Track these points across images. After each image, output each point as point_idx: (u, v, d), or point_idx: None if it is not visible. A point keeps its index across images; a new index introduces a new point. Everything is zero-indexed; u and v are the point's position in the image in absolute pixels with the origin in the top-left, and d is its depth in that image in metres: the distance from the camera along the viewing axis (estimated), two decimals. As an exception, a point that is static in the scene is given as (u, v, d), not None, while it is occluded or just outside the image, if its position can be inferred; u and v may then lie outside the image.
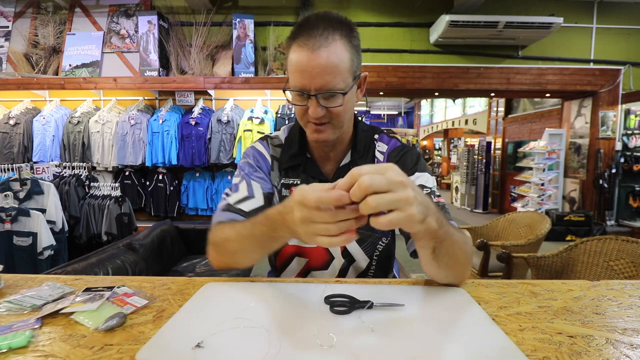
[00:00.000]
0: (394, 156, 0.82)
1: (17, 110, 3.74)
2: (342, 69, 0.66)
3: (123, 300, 0.58)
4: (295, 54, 0.66)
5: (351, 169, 0.46)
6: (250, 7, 4.17)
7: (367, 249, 0.83)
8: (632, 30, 4.48)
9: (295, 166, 0.83)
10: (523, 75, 4.33)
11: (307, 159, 0.83)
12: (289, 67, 0.69)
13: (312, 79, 0.65)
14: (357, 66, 0.71)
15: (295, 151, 0.83)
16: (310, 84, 0.66)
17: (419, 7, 4.21)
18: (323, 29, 0.65)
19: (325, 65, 0.64)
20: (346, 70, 0.67)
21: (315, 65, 0.64)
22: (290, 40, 0.68)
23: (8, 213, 2.18)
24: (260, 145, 0.87)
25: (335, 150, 0.82)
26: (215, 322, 0.51)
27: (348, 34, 0.67)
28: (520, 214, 2.64)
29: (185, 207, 3.84)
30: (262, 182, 0.81)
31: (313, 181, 0.82)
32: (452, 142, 11.92)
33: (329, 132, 0.73)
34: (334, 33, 0.65)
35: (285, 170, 0.84)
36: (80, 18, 4.14)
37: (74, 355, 0.43)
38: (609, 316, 0.54)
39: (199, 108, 3.71)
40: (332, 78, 0.65)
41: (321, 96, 0.67)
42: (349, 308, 0.54)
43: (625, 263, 1.48)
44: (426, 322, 0.51)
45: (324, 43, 0.64)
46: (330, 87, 0.66)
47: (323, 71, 0.65)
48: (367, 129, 0.86)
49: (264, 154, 0.85)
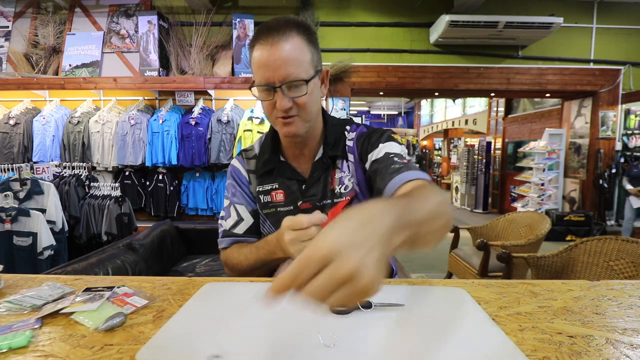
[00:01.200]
0: (362, 139, 0.84)
1: (17, 110, 3.74)
2: (302, 60, 0.70)
3: (123, 300, 0.58)
4: (258, 52, 0.70)
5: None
6: (250, 7, 4.17)
7: None
8: (632, 30, 4.48)
9: (269, 171, 0.85)
10: (523, 75, 4.33)
11: (280, 162, 0.86)
12: (253, 67, 0.73)
13: (275, 71, 0.69)
14: (318, 61, 0.75)
15: (267, 157, 0.86)
16: (274, 76, 0.69)
17: (419, 7, 4.21)
18: (281, 28, 0.69)
19: (287, 57, 0.68)
20: (306, 62, 0.71)
21: (277, 58, 0.68)
22: (252, 43, 0.73)
23: (8, 213, 2.18)
24: (237, 161, 0.92)
25: (307, 146, 0.84)
26: (215, 322, 0.51)
27: (305, 32, 0.72)
28: (520, 214, 2.64)
29: (185, 207, 3.84)
30: (245, 201, 0.88)
31: (290, 182, 0.84)
32: (452, 142, 11.92)
33: (298, 125, 0.75)
34: (291, 30, 0.70)
35: (260, 178, 0.86)
36: (80, 18, 4.14)
37: (74, 355, 0.43)
38: (609, 316, 0.54)
39: (199, 108, 3.70)
40: (294, 69, 0.69)
41: (286, 87, 0.70)
42: (349, 308, 0.54)
43: (625, 263, 1.48)
44: (426, 322, 0.51)
45: (283, 38, 0.68)
46: (293, 77, 0.69)
47: (285, 62, 0.68)
48: (338, 122, 0.88)
49: (239, 170, 0.90)
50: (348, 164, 0.84)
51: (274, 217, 0.84)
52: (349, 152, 0.84)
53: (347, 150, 0.84)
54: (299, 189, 0.83)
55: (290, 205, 0.83)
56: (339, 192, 0.82)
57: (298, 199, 0.83)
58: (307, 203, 0.82)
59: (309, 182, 0.83)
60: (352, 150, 0.84)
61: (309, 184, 0.83)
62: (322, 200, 0.82)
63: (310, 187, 0.82)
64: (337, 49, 4.25)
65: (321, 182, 0.82)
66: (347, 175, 0.83)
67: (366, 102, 13.54)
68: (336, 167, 0.83)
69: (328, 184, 0.82)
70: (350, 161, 0.84)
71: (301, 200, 0.82)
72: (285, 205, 0.84)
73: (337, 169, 0.83)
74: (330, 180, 0.83)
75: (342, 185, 0.82)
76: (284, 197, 0.84)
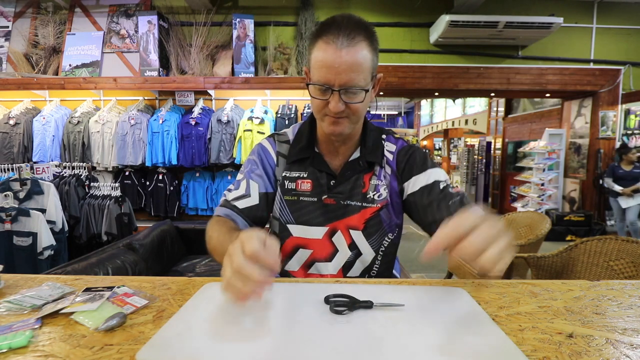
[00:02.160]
0: (402, 155, 0.85)
1: (17, 110, 3.74)
2: (364, 68, 0.70)
3: (123, 300, 0.58)
4: (322, 50, 0.69)
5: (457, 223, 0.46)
6: (250, 7, 4.17)
7: (374, 244, 0.84)
8: (632, 30, 4.48)
9: (302, 159, 0.85)
10: (523, 75, 4.33)
11: (315, 153, 0.86)
12: (313, 63, 0.72)
13: (337, 75, 0.68)
14: (376, 67, 0.75)
15: (303, 145, 0.85)
16: (335, 79, 0.69)
17: (419, 7, 4.21)
18: (350, 30, 0.68)
19: (351, 63, 0.68)
20: (368, 69, 0.71)
21: (342, 62, 0.68)
22: (315, 37, 0.72)
23: (8, 213, 2.18)
24: (267, 142, 0.90)
25: (345, 145, 0.84)
26: (215, 322, 0.51)
27: (370, 37, 0.71)
28: (520, 214, 2.64)
29: (185, 207, 3.84)
30: (261, 181, 0.84)
31: (320, 175, 0.84)
32: (452, 142, 11.92)
33: (345, 126, 0.75)
34: (359, 34, 0.69)
35: (290, 164, 0.86)
36: (80, 18, 4.14)
37: (74, 355, 0.43)
38: (609, 316, 0.54)
39: (199, 108, 3.70)
40: (356, 75, 0.69)
41: (343, 92, 0.70)
42: (349, 308, 0.54)
43: (625, 263, 1.48)
44: (426, 322, 0.51)
45: (351, 42, 0.68)
46: (353, 84, 0.69)
47: (349, 68, 0.68)
48: (374, 129, 0.89)
49: (268, 151, 0.88)
50: (385, 174, 0.84)
51: (295, 205, 0.84)
52: (388, 163, 0.85)
53: (387, 161, 0.85)
54: (327, 184, 0.83)
55: (315, 197, 0.83)
56: (371, 198, 0.83)
57: (324, 192, 0.83)
58: (331, 199, 0.83)
59: (339, 179, 0.83)
60: (392, 163, 0.85)
61: (339, 181, 0.83)
62: (347, 200, 0.82)
63: (339, 184, 0.83)
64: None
65: (351, 182, 0.83)
66: (383, 184, 0.84)
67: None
68: (372, 173, 0.84)
69: (358, 186, 0.83)
70: (388, 172, 0.85)
71: (326, 195, 0.83)
72: (310, 196, 0.84)
73: (373, 175, 0.84)
74: (363, 184, 0.83)
75: (376, 193, 0.83)
76: (311, 187, 0.84)
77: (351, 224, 0.82)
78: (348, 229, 0.82)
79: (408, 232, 5.50)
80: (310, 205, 0.83)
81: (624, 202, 4.14)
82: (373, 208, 0.82)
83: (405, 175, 0.83)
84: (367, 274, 0.85)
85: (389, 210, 0.84)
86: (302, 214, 0.84)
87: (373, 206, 0.82)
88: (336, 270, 0.83)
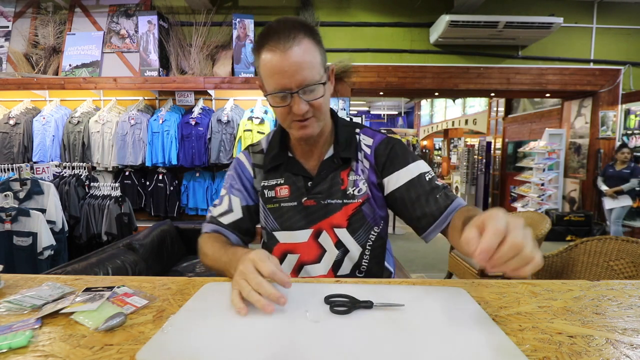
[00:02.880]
0: (382, 148, 0.84)
1: (17, 110, 3.74)
2: (314, 63, 0.70)
3: (123, 300, 0.58)
4: (268, 59, 0.69)
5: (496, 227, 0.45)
6: (250, 7, 4.17)
7: (360, 239, 0.83)
8: (632, 30, 4.48)
9: (277, 166, 0.86)
10: (523, 75, 4.33)
11: (288, 158, 0.86)
12: (264, 73, 0.72)
13: (291, 77, 0.69)
14: (325, 60, 0.76)
15: (276, 152, 0.86)
16: (291, 82, 0.69)
17: (419, 7, 4.21)
18: (288, 31, 0.68)
19: (301, 61, 0.68)
20: (318, 63, 0.71)
21: (292, 64, 0.68)
22: (258, 49, 0.72)
23: (8, 213, 2.18)
24: (243, 155, 0.92)
25: (317, 145, 0.84)
26: (215, 322, 0.51)
27: (310, 31, 0.71)
28: (520, 214, 2.64)
29: (185, 207, 3.84)
30: (241, 195, 0.87)
31: (296, 178, 0.84)
32: (452, 142, 11.92)
33: (314, 126, 0.76)
34: (299, 32, 0.69)
35: (267, 173, 0.86)
36: (80, 18, 4.14)
37: (74, 355, 0.43)
38: (609, 316, 0.54)
39: (199, 108, 3.71)
40: (309, 72, 0.69)
41: (302, 92, 0.70)
42: (349, 308, 0.54)
43: (625, 263, 1.48)
44: (426, 322, 0.51)
45: (294, 42, 0.68)
46: (309, 81, 0.70)
47: (300, 67, 0.68)
48: (347, 124, 0.89)
49: (244, 164, 0.90)
50: (363, 168, 0.84)
51: (277, 212, 0.84)
52: (366, 157, 0.84)
53: (365, 155, 0.84)
54: (305, 186, 0.83)
55: (294, 201, 0.83)
56: (351, 194, 0.82)
57: (303, 195, 0.83)
58: (311, 200, 0.82)
59: (315, 180, 0.83)
60: (370, 157, 0.84)
61: (316, 182, 0.83)
62: (327, 199, 0.82)
63: (316, 185, 0.83)
64: (337, 49, 4.25)
65: (328, 181, 0.83)
66: (362, 178, 0.83)
67: (366, 102, 13.54)
68: (349, 169, 0.83)
69: (337, 184, 0.83)
70: (366, 166, 0.84)
71: (306, 197, 0.83)
72: (289, 201, 0.83)
73: (351, 170, 0.83)
74: (341, 181, 0.83)
75: (356, 188, 0.82)
76: (289, 192, 0.84)
77: (335, 222, 0.82)
78: (332, 227, 0.82)
79: (408, 232, 5.49)
80: (291, 210, 0.83)
81: (607, 203, 4.15)
82: (355, 204, 0.82)
83: (386, 169, 0.82)
84: (357, 270, 0.84)
85: (371, 204, 0.83)
86: (284, 220, 0.83)
87: (354, 202, 0.82)
88: (326, 270, 0.83)
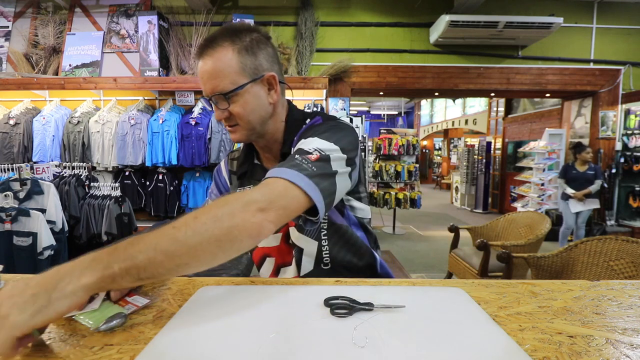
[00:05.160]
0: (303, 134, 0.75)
1: (17, 110, 3.74)
2: (228, 72, 0.69)
3: (124, 300, 0.58)
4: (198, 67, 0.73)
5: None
6: (250, 7, 4.17)
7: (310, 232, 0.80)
8: (632, 30, 4.48)
9: (243, 173, 0.87)
10: (523, 75, 4.33)
11: (253, 165, 0.87)
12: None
13: (205, 84, 0.71)
14: (255, 68, 0.72)
15: (242, 159, 0.88)
16: (205, 89, 0.72)
17: (419, 7, 4.22)
18: (212, 39, 0.70)
19: (211, 70, 0.69)
20: (234, 72, 0.70)
21: (204, 72, 0.70)
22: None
23: (8, 213, 2.18)
24: (222, 162, 0.95)
25: (272, 149, 0.83)
26: (212, 327, 0.51)
27: (234, 37, 0.71)
28: (520, 214, 2.64)
29: (185, 207, 3.84)
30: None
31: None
32: (452, 142, 11.92)
33: (239, 133, 0.76)
34: (221, 39, 0.70)
35: (240, 180, 0.87)
36: (80, 18, 4.14)
37: (74, 355, 0.43)
38: (609, 316, 0.54)
39: (199, 108, 3.70)
40: (219, 82, 0.70)
41: (215, 99, 0.72)
42: (349, 310, 0.54)
43: (625, 263, 1.48)
44: (427, 323, 0.51)
45: (212, 51, 0.69)
46: (218, 90, 0.70)
47: (210, 76, 0.70)
48: (299, 117, 0.83)
49: (221, 171, 0.93)
50: None
51: None
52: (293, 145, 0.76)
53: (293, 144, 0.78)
54: None
55: None
56: None
57: None
58: None
59: None
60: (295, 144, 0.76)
61: None
62: None
63: None
64: (337, 49, 4.25)
65: None
66: None
67: (366, 102, 13.54)
68: None
69: None
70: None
71: None
72: None
73: None
74: None
75: None
76: None
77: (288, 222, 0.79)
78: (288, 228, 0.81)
79: (408, 232, 5.49)
80: None
81: (573, 206, 3.91)
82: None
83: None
84: (321, 264, 0.81)
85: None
86: None
87: None
88: (295, 272, 0.82)
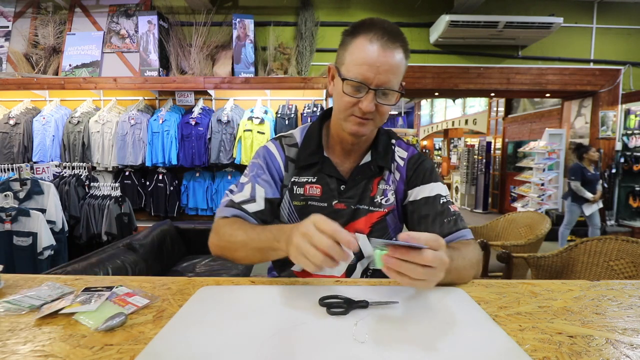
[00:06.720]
0: (412, 162, 0.86)
1: (17, 110, 3.73)
2: (400, 72, 0.72)
3: (124, 300, 0.58)
4: (364, 48, 0.69)
5: (436, 240, 0.53)
6: (250, 7, 4.16)
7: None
8: (632, 30, 4.47)
9: (311, 164, 0.84)
10: (523, 75, 4.33)
11: (324, 158, 0.84)
12: (351, 59, 0.71)
13: (378, 74, 0.69)
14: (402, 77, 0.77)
15: (312, 149, 0.84)
16: (375, 78, 0.69)
17: (419, 7, 4.21)
18: (392, 33, 0.70)
19: (392, 64, 0.69)
20: (401, 75, 0.73)
21: (384, 62, 0.68)
22: (354, 34, 0.72)
23: (8, 213, 2.18)
24: (273, 145, 0.88)
25: (357, 148, 0.84)
26: (212, 327, 0.51)
27: (406, 45, 0.73)
28: (520, 214, 2.64)
29: (185, 207, 3.83)
30: (268, 186, 0.82)
31: (330, 180, 0.83)
32: (452, 142, 11.91)
33: (369, 127, 0.76)
34: (399, 39, 0.71)
35: (299, 169, 0.84)
36: (80, 18, 4.14)
37: (74, 355, 0.43)
38: (609, 316, 0.54)
39: (199, 108, 3.70)
40: (393, 77, 0.70)
41: (380, 92, 0.71)
42: (345, 309, 0.54)
43: (625, 263, 1.48)
44: (427, 323, 0.51)
45: (393, 45, 0.69)
46: (390, 85, 0.70)
47: (389, 69, 0.69)
48: (384, 132, 0.89)
49: (274, 155, 0.86)
50: (394, 179, 0.84)
51: (303, 210, 0.83)
52: (397, 169, 0.85)
53: (397, 166, 0.85)
54: (338, 189, 0.83)
55: (324, 202, 0.82)
56: (378, 202, 0.82)
57: (334, 197, 0.82)
58: (342, 204, 0.82)
59: (349, 184, 0.83)
60: (402, 169, 0.85)
61: (349, 186, 0.82)
62: (357, 204, 0.82)
63: (349, 189, 0.82)
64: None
65: (361, 186, 0.82)
66: (391, 189, 0.84)
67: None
68: (381, 178, 0.84)
69: (368, 190, 0.83)
70: (397, 178, 0.85)
71: (337, 200, 0.82)
72: (319, 201, 0.83)
73: (382, 179, 0.84)
74: (372, 188, 0.83)
75: (384, 197, 0.83)
76: (321, 192, 0.83)
77: (358, 227, 0.82)
78: (355, 232, 0.82)
79: (408, 232, 5.49)
80: (320, 211, 0.81)
81: (588, 209, 3.84)
82: (380, 212, 0.82)
83: (411, 183, 0.84)
84: (365, 274, 0.85)
85: (395, 215, 0.84)
86: None
87: (380, 210, 0.82)
88: (340, 273, 0.83)
